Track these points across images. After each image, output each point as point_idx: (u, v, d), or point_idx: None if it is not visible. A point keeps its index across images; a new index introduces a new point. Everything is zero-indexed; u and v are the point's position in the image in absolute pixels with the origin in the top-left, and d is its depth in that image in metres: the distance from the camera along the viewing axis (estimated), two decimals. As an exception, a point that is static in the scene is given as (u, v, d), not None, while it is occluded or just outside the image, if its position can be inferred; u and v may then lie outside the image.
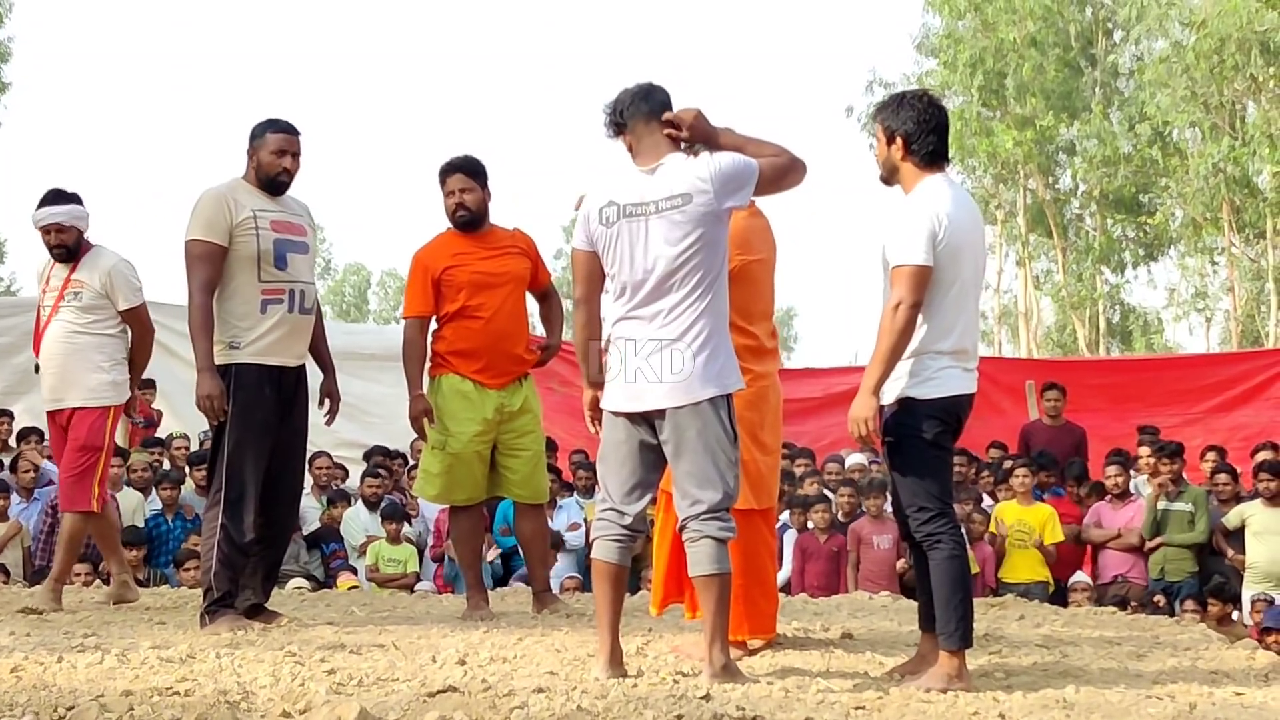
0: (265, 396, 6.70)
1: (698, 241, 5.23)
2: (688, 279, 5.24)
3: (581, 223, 5.49)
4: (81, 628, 6.68)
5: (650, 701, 4.65)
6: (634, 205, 5.33)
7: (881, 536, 11.59)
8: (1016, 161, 39.16)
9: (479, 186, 7.44)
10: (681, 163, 5.34)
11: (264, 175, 6.87)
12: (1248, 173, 33.18)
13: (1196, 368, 16.67)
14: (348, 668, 5.39)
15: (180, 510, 12.11)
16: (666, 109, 5.48)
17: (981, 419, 15.82)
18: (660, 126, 5.44)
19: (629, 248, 5.32)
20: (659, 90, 5.54)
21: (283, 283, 6.75)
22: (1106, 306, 43.36)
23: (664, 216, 5.26)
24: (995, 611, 7.91)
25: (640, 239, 5.30)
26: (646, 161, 5.40)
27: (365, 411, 15.78)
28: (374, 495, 12.65)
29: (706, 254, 5.25)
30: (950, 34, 39.51)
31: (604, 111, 5.57)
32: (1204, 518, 11.75)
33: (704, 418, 5.23)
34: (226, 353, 6.63)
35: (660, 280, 5.26)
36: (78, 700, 4.56)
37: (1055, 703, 4.92)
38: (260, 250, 6.68)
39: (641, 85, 5.56)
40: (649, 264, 5.27)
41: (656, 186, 5.31)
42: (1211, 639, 7.04)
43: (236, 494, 6.61)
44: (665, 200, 5.27)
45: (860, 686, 5.18)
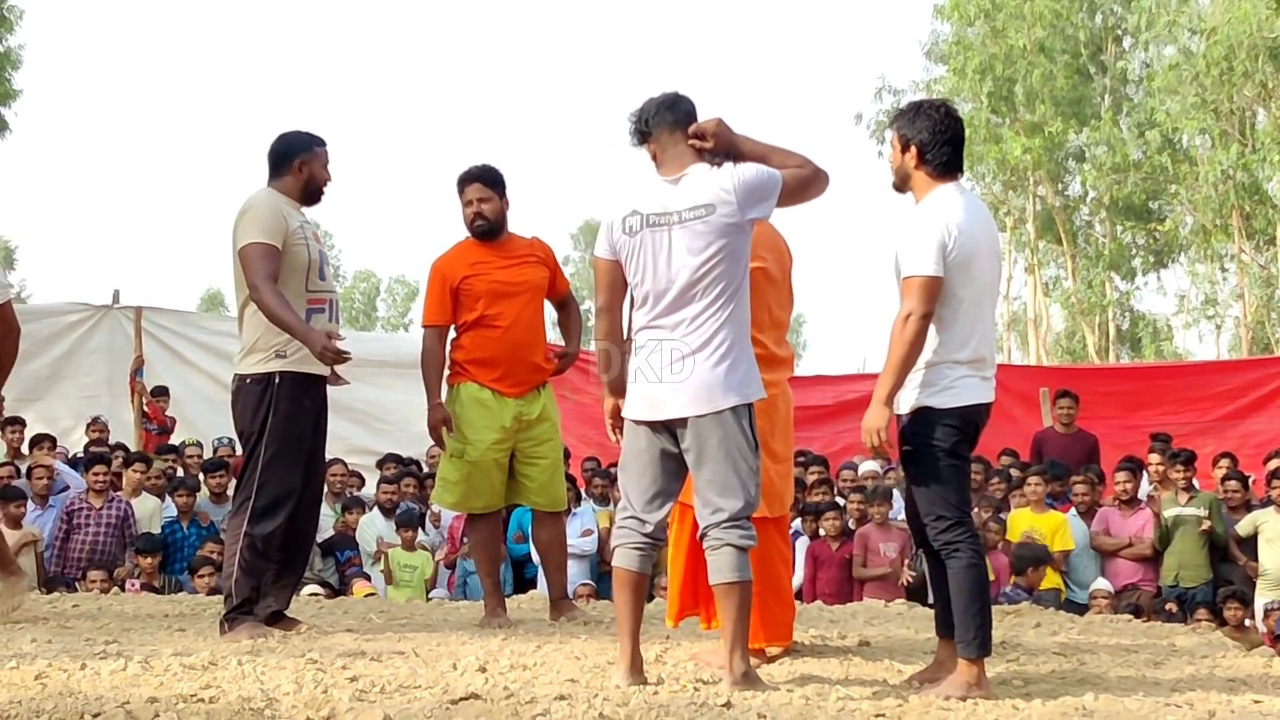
0: (305, 407, 6.72)
1: (720, 252, 5.25)
2: (710, 289, 5.26)
3: (605, 231, 5.51)
4: (103, 635, 6.70)
5: (671, 709, 4.67)
6: (657, 215, 5.35)
7: (888, 545, 11.62)
8: (1026, 168, 39.19)
9: (497, 196, 7.46)
10: (705, 173, 5.36)
11: (313, 187, 6.96)
12: (1258, 179, 33.19)
13: (1208, 375, 16.66)
14: (369, 675, 5.40)
15: (195, 517, 12.16)
16: (692, 119, 5.49)
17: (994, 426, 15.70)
18: (685, 137, 5.46)
19: (652, 257, 5.34)
20: (684, 100, 5.56)
21: (324, 293, 6.81)
22: (1116, 313, 43.37)
23: (687, 226, 5.28)
24: (1011, 619, 7.92)
25: (663, 249, 5.31)
26: (670, 171, 5.42)
27: (378, 419, 15.85)
28: (389, 502, 12.67)
29: (729, 264, 5.27)
30: (960, 40, 39.54)
31: (629, 120, 5.57)
32: (1217, 518, 11.75)
33: (725, 427, 5.25)
34: (271, 361, 6.63)
35: (683, 290, 5.28)
36: (104, 707, 4.59)
37: (1074, 710, 4.94)
38: (310, 260, 6.74)
39: (667, 95, 5.57)
40: (672, 274, 5.29)
41: (680, 197, 5.33)
42: (1227, 646, 7.05)
43: (266, 503, 6.61)
44: (689, 210, 5.29)
45: (880, 694, 5.20)
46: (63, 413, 15.08)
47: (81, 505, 11.80)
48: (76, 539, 11.67)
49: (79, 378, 15.38)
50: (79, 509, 11.77)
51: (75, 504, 11.82)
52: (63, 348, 15.35)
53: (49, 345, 15.27)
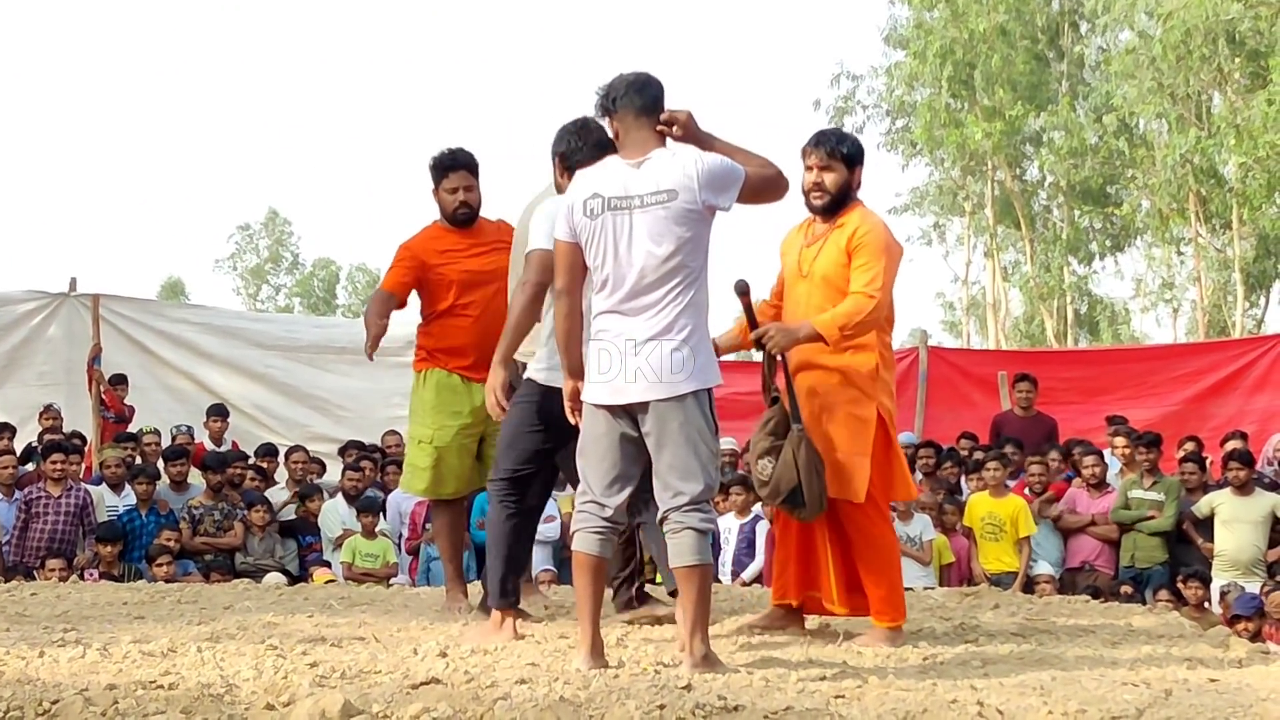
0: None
1: (681, 238, 5.25)
2: (672, 275, 5.26)
3: (565, 213, 5.48)
4: (61, 623, 6.67)
5: (632, 692, 4.68)
6: (619, 199, 5.33)
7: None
8: (985, 153, 39.29)
9: (477, 184, 7.46)
10: (668, 159, 5.34)
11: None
12: (1214, 163, 33.33)
13: (1167, 359, 16.76)
14: (330, 660, 5.39)
15: (154, 505, 12.11)
16: (659, 105, 5.49)
17: (953, 411, 16.02)
18: (650, 122, 5.45)
19: (613, 241, 5.32)
20: (655, 84, 5.53)
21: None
22: (1074, 297, 43.53)
23: (649, 211, 5.27)
24: (970, 600, 7.96)
25: (624, 233, 5.30)
26: (632, 155, 5.40)
27: (339, 406, 15.80)
28: (354, 489, 12.65)
29: (690, 250, 5.27)
30: (920, 25, 39.60)
31: (596, 93, 5.55)
32: (1173, 505, 11.87)
33: (686, 411, 5.26)
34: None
35: (643, 275, 5.27)
36: (62, 694, 4.57)
37: (1033, 690, 4.96)
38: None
39: (639, 75, 5.54)
40: (632, 258, 5.28)
41: (642, 180, 5.32)
42: (1184, 627, 7.10)
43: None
44: (650, 195, 5.28)
45: (839, 675, 5.22)
46: (20, 402, 14.98)
47: (40, 494, 11.74)
48: (35, 527, 11.62)
49: (36, 366, 15.27)
50: (37, 498, 11.72)
51: (33, 493, 11.77)
52: (19, 336, 15.25)
53: (5, 334, 15.19)
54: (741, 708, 4.45)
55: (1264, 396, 15.49)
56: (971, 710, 4.50)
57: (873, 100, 42.14)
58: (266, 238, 68.73)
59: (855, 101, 42.13)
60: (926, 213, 45.18)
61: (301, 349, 16.02)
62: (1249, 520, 11.55)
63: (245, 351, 15.85)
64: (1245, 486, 11.65)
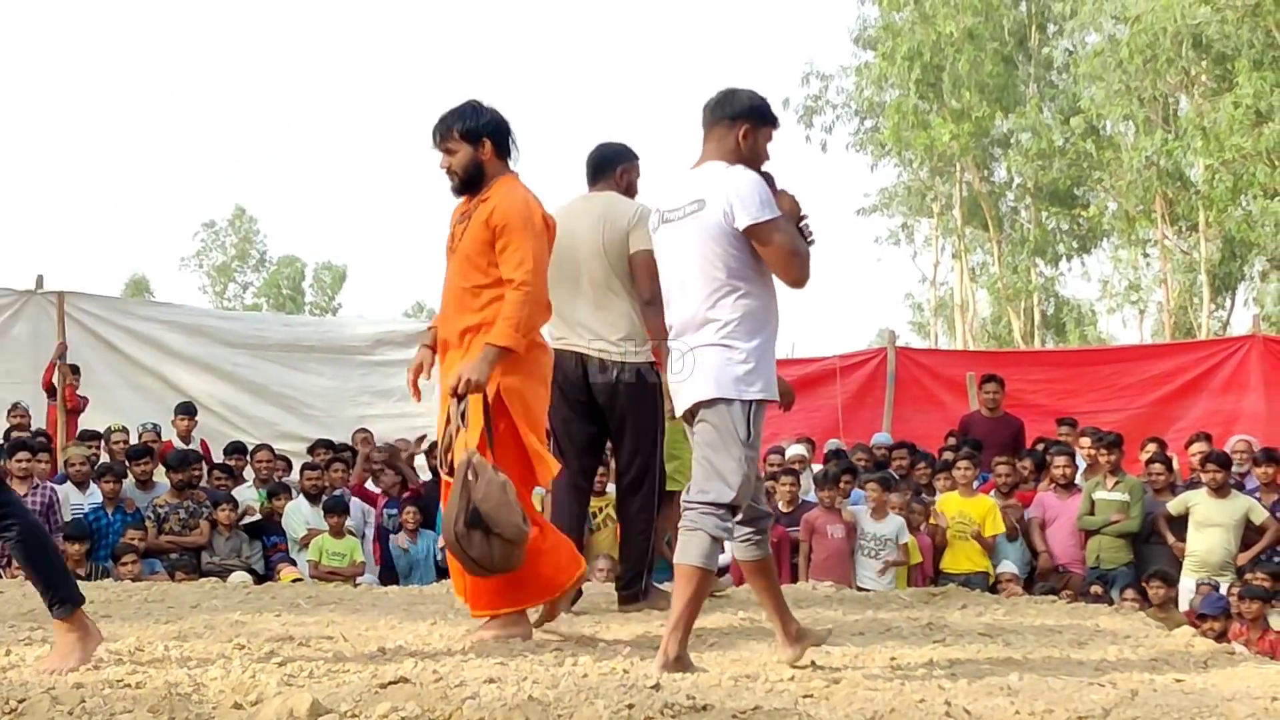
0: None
1: (710, 247, 5.32)
2: (706, 284, 5.35)
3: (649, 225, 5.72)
4: (27, 621, 6.64)
5: (601, 691, 4.68)
6: (670, 211, 5.50)
7: (834, 526, 11.67)
8: (953, 155, 39.38)
9: None
10: (714, 171, 5.42)
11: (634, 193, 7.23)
12: (1180, 166, 33.47)
13: (1133, 360, 16.80)
14: (298, 659, 5.40)
15: (121, 504, 12.03)
16: (741, 117, 5.48)
17: (922, 411, 16.07)
18: (715, 133, 5.50)
19: (667, 253, 5.52)
20: (741, 97, 5.53)
21: None
22: (1041, 299, 43.70)
23: (686, 221, 5.40)
24: (938, 600, 7.99)
25: (671, 244, 5.48)
26: (695, 164, 5.55)
27: (307, 404, 15.75)
28: (314, 488, 12.61)
29: (722, 260, 5.32)
30: (888, 26, 39.67)
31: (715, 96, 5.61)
32: (1139, 506, 11.92)
33: (719, 415, 5.33)
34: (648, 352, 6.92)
35: (684, 284, 5.41)
36: (29, 693, 4.55)
37: (999, 690, 4.99)
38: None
39: (750, 93, 5.56)
40: (676, 268, 5.45)
41: (686, 190, 5.44)
42: (1150, 626, 7.15)
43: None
44: (690, 204, 5.39)
45: (807, 675, 5.24)
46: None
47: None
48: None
49: (3, 364, 15.16)
50: (2, 496, 11.61)
51: (-2, 491, 11.67)
52: (-15, 334, 15.16)
53: (-30, 333, 15.09)
54: (710, 707, 4.46)
55: (1229, 398, 15.56)
56: (939, 710, 4.52)
57: (842, 100, 42.20)
58: (233, 235, 68.34)
59: (825, 101, 42.19)
60: (895, 213, 45.25)
61: (269, 347, 15.93)
62: (1222, 523, 11.56)
63: (213, 349, 15.75)
64: (1222, 489, 11.67)
